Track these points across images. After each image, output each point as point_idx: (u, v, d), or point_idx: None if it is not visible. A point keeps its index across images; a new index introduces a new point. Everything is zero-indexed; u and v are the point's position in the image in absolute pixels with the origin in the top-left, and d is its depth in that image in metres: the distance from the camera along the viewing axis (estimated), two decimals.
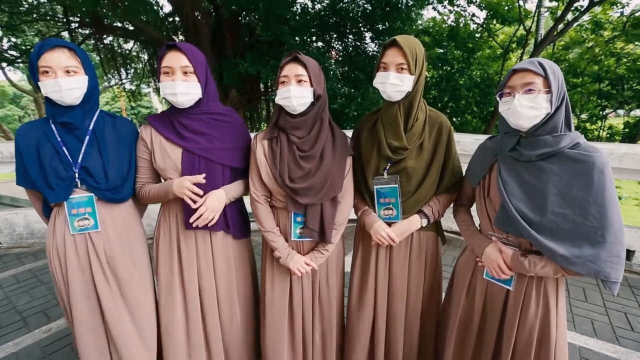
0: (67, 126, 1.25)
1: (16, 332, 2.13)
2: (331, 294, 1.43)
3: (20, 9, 6.64)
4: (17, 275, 2.81)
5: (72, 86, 1.18)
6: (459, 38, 7.30)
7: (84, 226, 1.27)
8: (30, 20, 7.28)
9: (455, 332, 1.29)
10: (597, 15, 7.21)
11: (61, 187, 1.23)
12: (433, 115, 1.31)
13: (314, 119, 1.28)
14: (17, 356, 1.93)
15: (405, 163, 1.28)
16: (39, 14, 7.15)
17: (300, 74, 1.20)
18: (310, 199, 1.26)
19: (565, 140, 0.98)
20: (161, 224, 1.42)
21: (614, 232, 0.93)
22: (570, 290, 2.52)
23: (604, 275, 0.93)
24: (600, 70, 6.97)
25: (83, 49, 1.26)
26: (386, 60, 1.21)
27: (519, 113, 0.98)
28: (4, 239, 3.29)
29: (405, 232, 1.31)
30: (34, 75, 1.19)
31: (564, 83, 1.00)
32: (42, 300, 2.45)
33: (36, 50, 1.16)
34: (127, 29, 7.07)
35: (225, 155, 1.34)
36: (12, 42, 7.42)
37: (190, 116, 1.29)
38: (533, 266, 1.03)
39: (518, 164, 1.06)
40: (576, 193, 0.95)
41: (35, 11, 7.03)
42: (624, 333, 2.08)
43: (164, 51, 1.23)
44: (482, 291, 1.21)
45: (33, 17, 7.15)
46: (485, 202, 1.17)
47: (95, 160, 1.27)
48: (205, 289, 1.40)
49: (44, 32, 8.71)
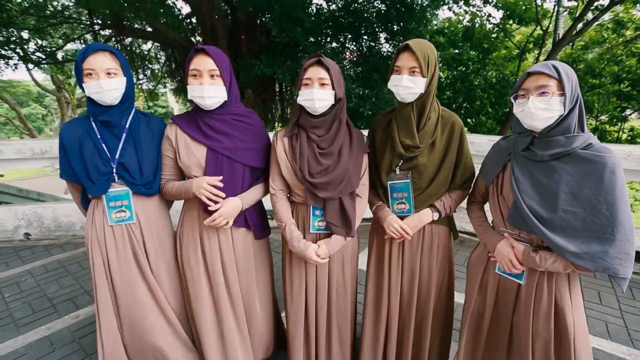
0: (106, 124, 1.35)
1: (48, 317, 2.27)
2: (346, 286, 1.49)
3: (46, 12, 6.93)
4: (47, 265, 2.98)
5: (113, 87, 1.28)
6: (475, 38, 7.23)
7: (121, 218, 1.37)
8: (56, 23, 7.58)
9: (468, 324, 1.33)
10: (618, 14, 7.04)
11: (101, 181, 1.34)
12: (446, 115, 1.36)
13: (332, 119, 1.34)
14: (49, 339, 2.06)
15: (417, 160, 1.33)
16: (63, 17, 7.44)
17: (323, 78, 1.26)
18: (329, 193, 1.32)
19: (578, 141, 1.02)
20: (184, 220, 1.49)
21: (623, 230, 0.96)
22: (584, 292, 2.51)
23: (612, 271, 0.97)
24: (620, 70, 6.81)
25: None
26: (399, 63, 1.26)
27: (533, 115, 1.02)
28: (34, 231, 3.48)
29: (417, 225, 1.37)
30: (78, 77, 1.29)
31: (578, 86, 1.04)
32: (70, 289, 2.60)
33: (81, 54, 1.26)
34: (146, 30, 7.30)
35: (247, 155, 1.40)
36: (38, 44, 7.74)
37: (215, 117, 1.36)
38: (544, 261, 1.07)
39: (531, 163, 1.10)
40: (587, 192, 0.99)
41: (60, 15, 7.32)
42: (638, 336, 2.08)
43: (192, 54, 1.29)
44: (494, 285, 1.26)
45: (58, 20, 7.44)
46: (499, 200, 1.21)
47: (131, 156, 1.37)
48: (230, 280, 1.47)
49: (69, 34, 9.05)
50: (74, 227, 3.52)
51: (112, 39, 7.77)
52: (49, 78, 14.31)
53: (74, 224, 3.51)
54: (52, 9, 7.11)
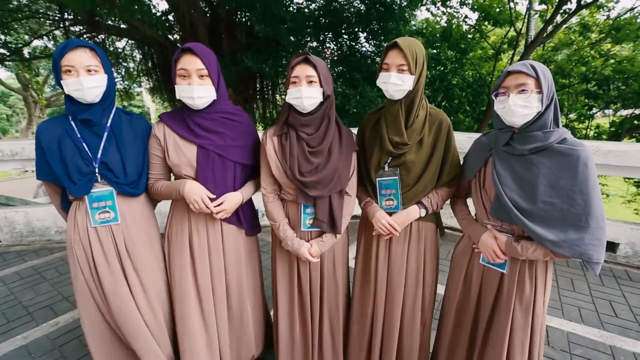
0: (87, 123, 1.31)
1: (24, 325, 2.17)
2: (337, 279, 1.51)
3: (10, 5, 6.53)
4: (20, 272, 2.84)
5: (94, 84, 1.24)
6: (452, 39, 7.43)
7: (105, 219, 1.33)
8: (21, 18, 7.19)
9: (454, 314, 1.39)
10: (584, 18, 7.43)
11: (83, 182, 1.29)
12: (433, 112, 1.39)
13: (322, 117, 1.35)
14: (27, 348, 1.97)
15: (405, 157, 1.36)
16: (31, 11, 7.06)
17: (311, 75, 1.27)
18: (319, 192, 1.34)
19: (554, 136, 1.08)
20: (173, 220, 1.47)
21: (596, 218, 1.03)
22: (559, 281, 2.65)
23: (587, 257, 1.04)
24: (587, 71, 7.19)
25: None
26: (388, 61, 1.28)
27: (513, 111, 1.07)
28: (4, 237, 3.30)
29: (404, 221, 1.39)
30: (57, 74, 1.24)
31: (553, 84, 1.10)
32: (47, 296, 2.49)
33: (59, 50, 1.21)
34: (121, 27, 7.05)
35: (237, 152, 1.40)
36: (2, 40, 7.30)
37: (204, 115, 1.35)
38: (525, 250, 1.13)
39: (511, 157, 1.16)
40: (563, 183, 1.06)
41: (27, 9, 6.94)
42: (608, 319, 2.22)
43: (179, 54, 1.28)
44: (478, 276, 1.31)
45: (24, 15, 7.06)
46: (481, 193, 1.26)
47: (114, 155, 1.33)
48: (215, 280, 1.46)
49: (36, 29, 8.60)
50: (49, 232, 3.37)
51: (83, 36, 7.46)
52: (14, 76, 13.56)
53: (48, 228, 3.36)
54: (17, 2, 6.72)
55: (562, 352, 1.93)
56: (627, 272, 2.80)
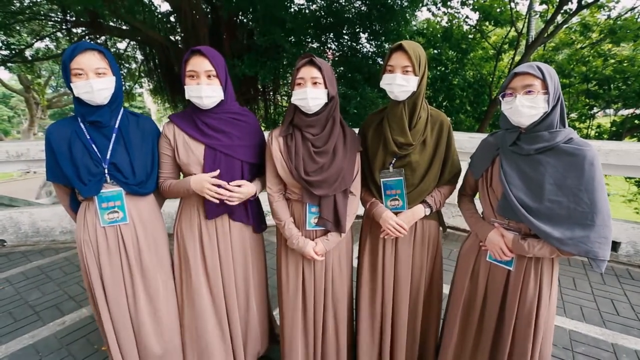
0: (96, 124, 1.33)
1: (31, 325, 2.18)
2: (342, 277, 1.53)
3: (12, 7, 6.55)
4: (26, 272, 2.85)
5: (103, 87, 1.26)
6: (453, 39, 7.44)
7: (113, 219, 1.35)
8: (24, 19, 7.21)
9: (460, 313, 1.40)
10: (585, 17, 7.44)
11: (93, 182, 1.31)
12: (434, 113, 1.42)
13: (326, 118, 1.37)
14: (34, 347, 1.99)
15: (410, 157, 1.38)
16: (33, 12, 7.08)
17: (316, 77, 1.29)
18: (325, 191, 1.35)
19: (560, 136, 1.10)
20: (182, 217, 1.49)
21: (602, 216, 1.05)
22: (561, 279, 2.66)
23: (593, 254, 1.05)
24: (588, 71, 7.20)
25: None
26: (392, 63, 1.31)
27: (520, 112, 1.09)
28: (9, 238, 3.32)
29: (410, 221, 1.42)
30: (66, 77, 1.26)
31: (559, 84, 1.12)
32: (53, 296, 2.50)
33: (68, 53, 1.23)
34: (123, 28, 7.06)
35: (244, 151, 1.43)
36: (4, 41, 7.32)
37: (212, 115, 1.38)
38: (531, 248, 1.15)
39: (518, 157, 1.17)
40: (570, 182, 1.07)
41: (29, 10, 6.96)
42: (610, 317, 2.23)
43: (189, 55, 1.31)
44: (485, 273, 1.32)
45: (27, 16, 7.08)
46: (488, 192, 1.28)
47: (122, 156, 1.35)
48: (225, 276, 1.48)
49: (38, 31, 8.62)
50: (53, 232, 3.39)
51: (85, 37, 7.48)
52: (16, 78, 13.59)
53: (53, 228, 3.38)
54: (19, 4, 6.74)
55: (564, 350, 1.95)
56: (628, 270, 2.81)
